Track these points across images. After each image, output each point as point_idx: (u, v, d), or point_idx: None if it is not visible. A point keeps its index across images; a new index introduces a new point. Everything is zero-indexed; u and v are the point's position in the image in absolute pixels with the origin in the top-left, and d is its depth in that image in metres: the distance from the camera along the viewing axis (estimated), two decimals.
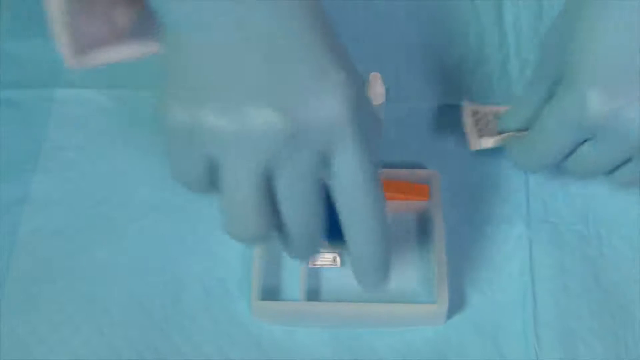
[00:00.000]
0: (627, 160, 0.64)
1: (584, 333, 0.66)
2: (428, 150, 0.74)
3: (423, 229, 0.70)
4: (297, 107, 0.52)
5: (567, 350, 0.65)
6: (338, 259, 0.68)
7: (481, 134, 0.72)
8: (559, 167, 0.67)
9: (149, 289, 0.68)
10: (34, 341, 0.65)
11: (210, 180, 0.56)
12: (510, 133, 0.70)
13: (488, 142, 0.71)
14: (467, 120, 0.73)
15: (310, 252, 0.59)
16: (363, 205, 0.55)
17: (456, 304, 0.66)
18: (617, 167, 0.65)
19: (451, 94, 0.77)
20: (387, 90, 0.67)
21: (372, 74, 0.72)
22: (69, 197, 0.72)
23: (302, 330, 0.66)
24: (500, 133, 0.71)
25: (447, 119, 0.76)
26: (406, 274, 0.68)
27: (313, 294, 0.67)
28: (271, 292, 0.67)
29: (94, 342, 0.65)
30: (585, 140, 0.63)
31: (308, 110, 0.52)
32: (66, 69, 0.78)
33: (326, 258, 0.68)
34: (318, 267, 0.68)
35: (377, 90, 0.71)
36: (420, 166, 0.73)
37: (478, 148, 0.72)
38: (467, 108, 0.74)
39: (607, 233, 0.70)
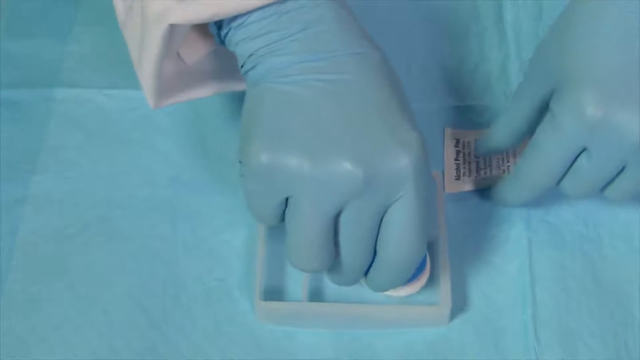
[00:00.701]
0: (620, 171, 0.64)
1: (584, 333, 0.66)
2: (429, 152, 0.74)
3: None
4: (373, 159, 0.58)
5: (567, 350, 0.65)
6: None
7: (458, 174, 0.72)
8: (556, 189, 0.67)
9: (149, 289, 0.67)
10: (34, 341, 0.65)
11: (283, 216, 0.61)
12: (491, 174, 0.72)
13: (465, 185, 0.72)
14: (448, 152, 0.74)
15: (354, 281, 0.63)
16: (405, 247, 0.60)
17: (456, 305, 0.67)
18: (611, 181, 0.65)
19: (451, 94, 0.77)
20: None
21: None
22: (69, 197, 0.72)
23: (302, 331, 0.66)
24: (478, 170, 0.72)
25: (448, 119, 0.76)
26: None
27: (315, 295, 0.67)
28: (274, 293, 0.67)
29: (94, 342, 0.65)
30: (580, 154, 0.64)
31: (382, 163, 0.58)
32: (67, 68, 0.79)
33: None
34: None
35: None
36: None
37: (455, 191, 0.72)
38: (449, 134, 0.74)
39: (607, 233, 0.70)
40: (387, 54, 0.79)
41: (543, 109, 0.66)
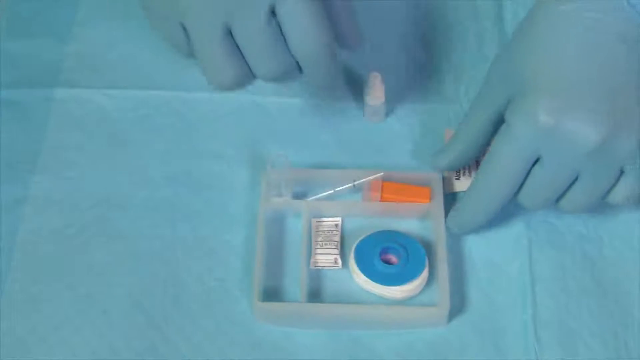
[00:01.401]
0: (573, 182, 0.64)
1: (583, 333, 0.66)
2: (429, 152, 0.74)
3: (424, 231, 0.70)
4: None
5: (567, 350, 0.65)
6: (339, 261, 0.68)
7: (458, 174, 0.72)
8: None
9: (149, 289, 0.68)
10: (34, 341, 0.65)
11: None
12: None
13: (465, 185, 0.72)
14: None
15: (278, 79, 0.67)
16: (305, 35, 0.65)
17: (456, 305, 0.67)
18: (565, 192, 0.65)
19: (451, 94, 0.77)
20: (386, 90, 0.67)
21: (372, 73, 0.73)
22: (69, 197, 0.72)
23: (301, 331, 0.66)
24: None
25: (448, 119, 0.76)
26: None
27: (314, 296, 0.67)
28: (272, 294, 0.67)
29: (94, 343, 0.65)
30: (535, 164, 0.64)
31: None
32: (67, 68, 0.78)
33: (327, 260, 0.68)
34: (319, 269, 0.68)
35: (376, 90, 0.71)
36: (421, 168, 0.73)
37: (455, 191, 0.72)
38: (449, 134, 0.74)
39: (607, 233, 0.70)
40: (386, 54, 0.79)
41: (499, 122, 0.66)
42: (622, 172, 0.65)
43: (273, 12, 0.65)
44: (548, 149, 0.63)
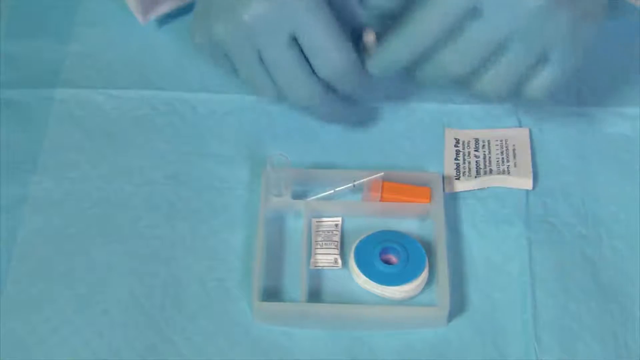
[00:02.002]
0: (502, 52, 0.64)
1: (583, 333, 0.66)
2: (429, 152, 0.74)
3: (424, 231, 0.70)
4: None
5: (567, 350, 0.65)
6: (339, 261, 0.68)
7: (458, 174, 0.72)
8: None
9: (149, 289, 0.67)
10: (34, 341, 0.65)
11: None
12: (491, 174, 0.72)
13: (465, 185, 0.72)
14: (448, 152, 0.74)
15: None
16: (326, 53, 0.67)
17: (456, 305, 0.67)
18: (502, 54, 0.64)
19: (451, 94, 0.77)
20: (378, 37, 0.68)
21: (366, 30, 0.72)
22: (69, 197, 0.72)
23: (302, 331, 0.66)
24: (478, 170, 0.72)
25: (448, 119, 0.76)
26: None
27: (314, 296, 0.67)
28: (272, 294, 0.67)
29: (94, 343, 0.65)
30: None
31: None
32: (67, 68, 0.79)
33: (327, 260, 0.68)
34: (319, 269, 0.68)
35: (369, 39, 0.70)
36: (421, 168, 0.73)
37: (455, 191, 0.72)
38: (449, 134, 0.74)
39: (606, 233, 0.70)
40: None
41: None
42: (546, 60, 0.65)
43: (295, 38, 0.67)
44: (488, 4, 0.63)
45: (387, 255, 0.68)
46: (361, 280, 0.67)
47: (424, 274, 0.67)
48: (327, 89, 0.70)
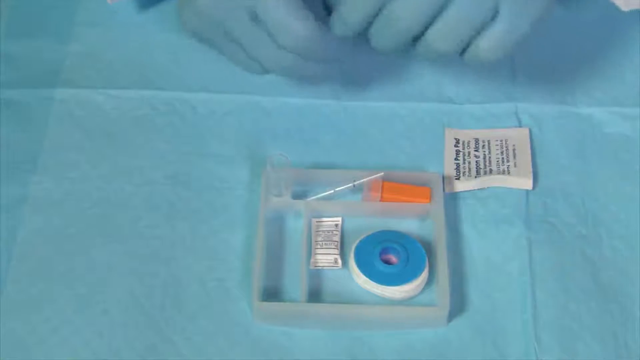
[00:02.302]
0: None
1: (583, 333, 0.66)
2: (429, 152, 0.74)
3: (424, 231, 0.70)
4: None
5: (567, 350, 0.65)
6: (339, 261, 0.68)
7: (458, 174, 0.72)
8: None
9: (149, 289, 0.67)
10: (34, 341, 0.65)
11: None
12: (491, 174, 0.72)
13: (465, 185, 0.72)
14: (448, 152, 0.74)
15: None
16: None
17: (456, 305, 0.67)
18: (450, 5, 0.64)
19: (451, 94, 0.77)
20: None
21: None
22: (69, 197, 0.72)
23: (302, 331, 0.66)
24: (478, 170, 0.72)
25: (448, 119, 0.76)
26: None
27: (314, 296, 0.67)
28: (272, 294, 0.67)
29: (94, 343, 0.65)
30: None
31: None
32: (67, 68, 0.79)
33: (327, 260, 0.68)
34: (319, 269, 0.68)
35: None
36: (421, 168, 0.73)
37: (455, 191, 0.72)
38: (449, 134, 0.74)
39: (606, 233, 0.70)
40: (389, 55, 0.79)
41: None
42: (496, 14, 0.64)
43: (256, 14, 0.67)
44: None
45: (387, 255, 0.68)
46: (361, 280, 0.67)
47: (424, 274, 0.67)
48: (301, 58, 0.69)
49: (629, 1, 0.77)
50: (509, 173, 0.72)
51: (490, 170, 0.73)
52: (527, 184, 0.72)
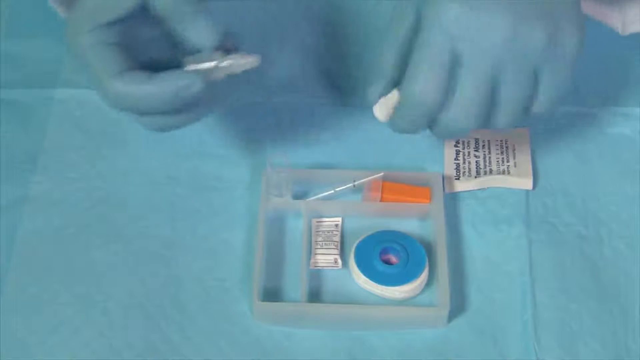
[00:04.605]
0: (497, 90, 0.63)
1: (583, 333, 0.66)
2: (429, 152, 0.74)
3: (424, 231, 0.70)
4: None
5: (567, 350, 0.65)
6: (339, 261, 0.68)
7: (458, 174, 0.72)
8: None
9: (149, 289, 0.68)
10: (34, 341, 0.65)
11: None
12: (491, 174, 0.72)
13: (465, 185, 0.72)
14: (448, 152, 0.74)
15: None
16: None
17: (456, 305, 0.67)
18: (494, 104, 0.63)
19: None
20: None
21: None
22: (69, 197, 0.72)
23: (302, 331, 0.66)
24: (478, 170, 0.72)
25: None
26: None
27: (314, 296, 0.67)
28: (272, 294, 0.67)
29: (94, 343, 0.65)
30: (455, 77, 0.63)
31: None
32: (67, 68, 0.79)
33: (327, 260, 0.68)
34: (319, 269, 0.68)
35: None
36: (421, 168, 0.73)
37: (455, 191, 0.72)
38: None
39: (606, 233, 0.70)
40: None
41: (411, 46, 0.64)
42: (538, 79, 0.63)
43: None
44: (464, 44, 0.61)
45: (387, 255, 0.68)
46: (361, 280, 0.67)
47: (424, 274, 0.67)
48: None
49: (626, 27, 0.77)
50: (509, 173, 0.72)
51: (490, 170, 0.73)
52: (527, 184, 0.72)
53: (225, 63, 0.63)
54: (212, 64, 0.63)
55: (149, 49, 0.64)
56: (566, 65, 0.63)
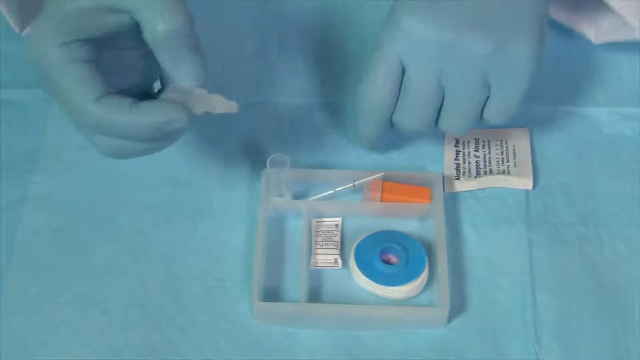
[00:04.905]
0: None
1: (583, 333, 0.66)
2: (429, 152, 0.74)
3: (424, 231, 0.70)
4: None
5: (567, 350, 0.65)
6: (339, 261, 0.68)
7: (458, 174, 0.72)
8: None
9: (149, 289, 0.68)
10: (34, 341, 0.65)
11: None
12: (491, 174, 0.72)
13: (465, 185, 0.72)
14: (448, 152, 0.74)
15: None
16: None
17: (456, 305, 0.67)
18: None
19: None
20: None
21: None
22: (69, 197, 0.72)
23: (302, 331, 0.66)
24: (478, 170, 0.72)
25: None
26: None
27: (314, 296, 0.67)
28: (272, 294, 0.67)
29: (94, 343, 0.65)
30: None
31: None
32: None
33: (327, 260, 0.68)
34: (319, 269, 0.68)
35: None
36: (421, 168, 0.73)
37: (455, 191, 0.72)
38: (449, 134, 0.74)
39: (606, 233, 0.70)
40: None
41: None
42: (487, 86, 0.66)
43: None
44: (410, 52, 0.66)
45: (387, 255, 0.68)
46: (361, 280, 0.67)
47: (424, 274, 0.67)
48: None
49: (599, 36, 0.77)
50: (509, 173, 0.72)
51: (490, 170, 0.73)
52: (527, 184, 0.72)
53: (208, 105, 0.63)
54: (197, 102, 0.63)
55: (125, 70, 0.62)
56: (517, 76, 0.66)
